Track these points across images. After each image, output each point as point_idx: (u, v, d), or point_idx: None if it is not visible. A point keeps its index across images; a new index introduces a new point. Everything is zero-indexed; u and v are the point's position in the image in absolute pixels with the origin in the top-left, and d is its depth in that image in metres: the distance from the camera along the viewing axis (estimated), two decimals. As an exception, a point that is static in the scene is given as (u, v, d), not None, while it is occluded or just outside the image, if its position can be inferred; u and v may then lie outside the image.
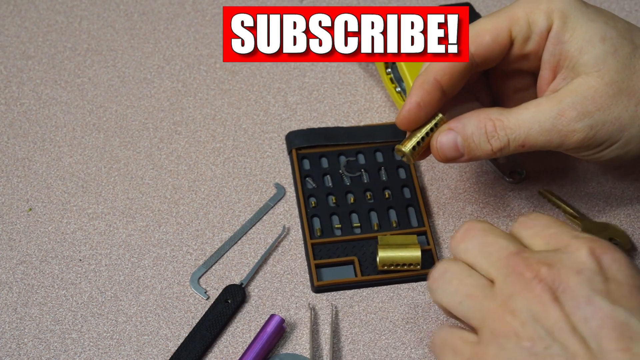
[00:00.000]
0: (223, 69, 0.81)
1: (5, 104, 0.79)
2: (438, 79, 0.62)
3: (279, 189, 0.73)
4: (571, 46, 0.61)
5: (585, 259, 0.52)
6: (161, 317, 0.67)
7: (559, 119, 0.61)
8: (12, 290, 0.68)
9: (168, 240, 0.71)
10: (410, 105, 0.63)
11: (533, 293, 0.51)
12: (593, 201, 0.73)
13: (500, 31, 0.63)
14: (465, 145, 0.62)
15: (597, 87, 0.61)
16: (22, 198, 0.73)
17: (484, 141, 0.62)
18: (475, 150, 0.62)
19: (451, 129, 0.63)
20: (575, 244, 0.53)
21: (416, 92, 0.63)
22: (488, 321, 0.52)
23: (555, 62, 0.63)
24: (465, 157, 0.63)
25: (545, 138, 0.61)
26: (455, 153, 0.63)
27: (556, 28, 0.62)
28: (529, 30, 0.62)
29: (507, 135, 0.61)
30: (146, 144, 0.76)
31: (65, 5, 0.86)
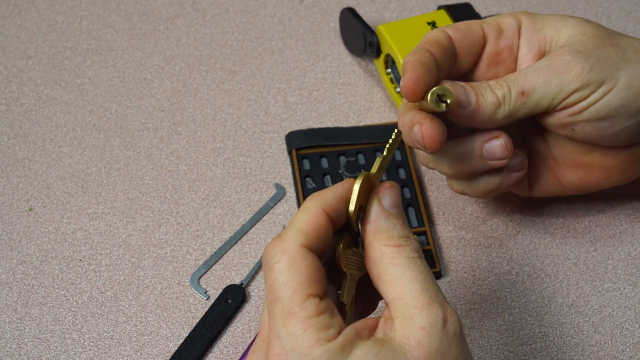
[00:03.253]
0: (223, 69, 0.81)
1: (5, 104, 0.79)
2: (427, 48, 0.62)
3: (279, 189, 0.73)
4: (547, 30, 0.63)
5: None
6: (161, 317, 0.67)
7: (552, 60, 0.61)
8: (12, 290, 0.68)
9: (168, 240, 0.71)
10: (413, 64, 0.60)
11: None
12: (593, 201, 0.73)
13: (473, 24, 0.64)
14: (473, 92, 0.61)
15: (583, 39, 0.62)
16: (22, 198, 0.73)
17: (489, 91, 0.61)
18: (482, 98, 0.61)
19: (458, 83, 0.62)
20: (267, 357, 0.49)
21: (412, 56, 0.60)
22: None
23: (536, 51, 0.64)
24: (473, 104, 0.61)
25: (542, 79, 0.61)
26: (465, 98, 0.61)
27: (526, 22, 0.64)
28: (500, 28, 0.64)
29: (507, 83, 0.61)
30: (146, 144, 0.76)
31: (65, 5, 0.86)
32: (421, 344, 0.48)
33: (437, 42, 0.62)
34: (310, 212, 0.50)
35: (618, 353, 0.66)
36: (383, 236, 0.52)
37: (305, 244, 0.49)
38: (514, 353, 0.66)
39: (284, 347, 0.47)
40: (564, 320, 0.67)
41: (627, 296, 0.68)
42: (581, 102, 0.61)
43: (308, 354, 0.47)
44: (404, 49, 0.75)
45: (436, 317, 0.49)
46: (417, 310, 0.49)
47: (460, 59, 0.64)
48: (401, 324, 0.49)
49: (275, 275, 0.49)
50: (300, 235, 0.49)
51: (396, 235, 0.52)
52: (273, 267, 0.49)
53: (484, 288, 0.69)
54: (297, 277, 0.48)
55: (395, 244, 0.51)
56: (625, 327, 0.67)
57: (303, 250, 0.49)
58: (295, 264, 0.49)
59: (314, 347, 0.47)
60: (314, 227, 0.50)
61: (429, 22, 0.77)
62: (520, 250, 0.70)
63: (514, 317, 0.67)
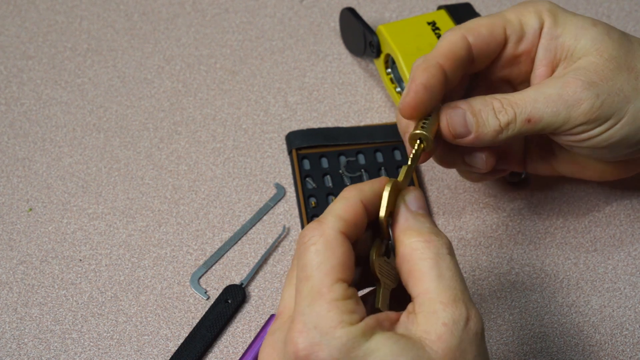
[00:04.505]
0: (223, 69, 0.81)
1: (5, 104, 0.79)
2: (441, 63, 0.61)
3: (279, 189, 0.73)
4: (566, 38, 0.62)
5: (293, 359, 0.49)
6: (161, 317, 0.67)
7: (564, 89, 0.60)
8: (12, 290, 0.68)
9: (168, 240, 0.71)
10: (417, 87, 0.59)
11: None
12: (593, 201, 0.73)
13: (495, 27, 0.63)
14: (474, 120, 0.60)
15: (598, 62, 0.61)
16: (22, 198, 0.73)
17: (492, 116, 0.60)
18: (483, 126, 0.61)
19: (459, 107, 0.61)
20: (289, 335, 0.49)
21: (420, 74, 0.60)
22: None
23: (551, 58, 0.63)
24: (473, 134, 0.61)
25: (551, 110, 0.60)
26: (464, 129, 0.61)
27: (548, 24, 0.63)
28: (522, 30, 0.63)
29: (513, 109, 0.60)
30: (146, 144, 0.76)
31: (65, 5, 0.86)
32: (441, 339, 0.49)
33: (453, 55, 0.61)
34: (349, 201, 0.52)
35: (618, 353, 0.66)
36: (413, 232, 0.52)
37: (343, 230, 0.51)
38: (514, 353, 0.66)
39: (306, 325, 0.48)
40: (564, 320, 0.67)
41: (627, 296, 0.68)
42: (585, 133, 0.61)
43: (329, 333, 0.48)
44: (404, 49, 0.75)
45: (459, 315, 0.50)
46: (441, 306, 0.50)
47: (476, 62, 0.63)
48: (424, 319, 0.50)
49: (310, 256, 0.50)
50: (339, 222, 0.51)
51: (426, 231, 0.52)
52: (309, 247, 0.50)
53: (484, 288, 0.69)
54: (331, 261, 0.50)
55: (426, 239, 0.52)
56: (625, 327, 0.67)
57: (340, 236, 0.50)
58: (331, 248, 0.50)
59: (336, 327, 0.48)
60: (352, 216, 0.51)
61: (429, 22, 0.77)
62: (520, 250, 0.70)
63: (514, 317, 0.67)
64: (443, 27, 0.77)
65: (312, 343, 0.48)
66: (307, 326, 0.48)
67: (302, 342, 0.48)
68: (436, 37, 0.76)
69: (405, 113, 0.60)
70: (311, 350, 0.48)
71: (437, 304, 0.50)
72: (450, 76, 0.61)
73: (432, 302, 0.50)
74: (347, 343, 0.48)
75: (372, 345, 0.48)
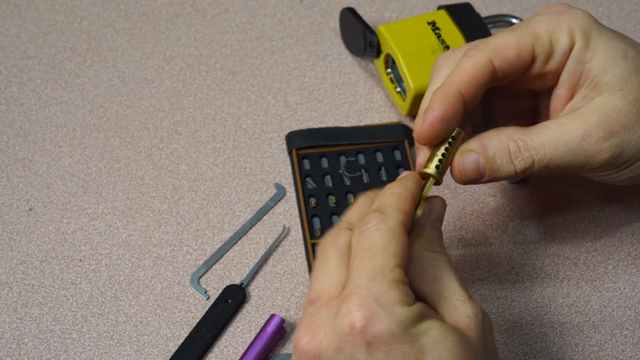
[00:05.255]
0: (223, 69, 0.81)
1: (5, 104, 0.79)
2: (462, 91, 0.59)
3: (279, 189, 0.73)
4: (593, 65, 0.60)
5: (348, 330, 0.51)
6: (161, 317, 0.67)
7: (585, 139, 0.59)
8: (12, 290, 0.68)
9: (168, 240, 0.71)
10: (434, 119, 0.58)
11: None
12: (593, 201, 0.73)
13: (524, 47, 0.61)
14: (488, 166, 0.59)
15: (622, 107, 0.59)
16: (22, 198, 0.73)
17: (507, 162, 0.59)
18: (498, 172, 0.60)
19: (472, 150, 0.59)
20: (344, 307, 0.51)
21: (439, 105, 0.59)
22: None
23: (575, 81, 0.61)
24: (487, 178, 0.60)
25: (570, 158, 0.59)
26: (477, 175, 0.60)
27: (578, 47, 0.61)
28: (551, 49, 0.61)
29: (532, 155, 0.59)
30: (146, 144, 0.76)
31: (65, 5, 0.86)
32: (469, 328, 0.53)
33: (475, 82, 0.60)
34: (407, 199, 0.55)
35: (618, 353, 0.66)
36: (425, 241, 0.56)
37: (404, 223, 0.54)
38: (514, 353, 0.66)
39: (367, 298, 0.50)
40: (564, 320, 0.67)
41: (627, 296, 0.68)
42: (601, 175, 0.61)
43: (390, 308, 0.50)
44: (404, 49, 0.75)
45: (477, 310, 0.54)
46: (460, 302, 0.54)
47: (499, 80, 0.61)
48: (448, 312, 0.54)
49: (374, 239, 0.52)
50: (401, 215, 0.54)
51: (435, 244, 0.56)
52: (373, 232, 0.52)
53: (484, 288, 0.68)
54: (394, 246, 0.52)
55: (435, 250, 0.56)
56: (625, 327, 0.67)
57: (402, 227, 0.53)
58: (395, 235, 0.52)
59: (396, 304, 0.50)
60: (409, 211, 0.55)
61: (429, 22, 0.77)
62: (520, 250, 0.70)
63: (514, 317, 0.67)
64: (443, 27, 0.77)
65: (372, 314, 0.50)
66: (367, 299, 0.50)
67: (362, 314, 0.50)
68: (436, 37, 0.76)
69: (420, 141, 0.60)
70: (370, 322, 0.50)
71: (454, 301, 0.54)
72: (470, 103, 0.60)
73: (449, 299, 0.54)
74: (406, 320, 0.50)
75: (425, 326, 0.51)
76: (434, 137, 0.59)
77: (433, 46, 0.76)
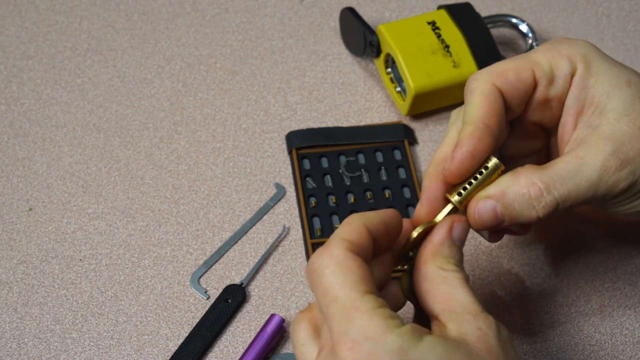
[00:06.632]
0: (223, 69, 0.81)
1: (6, 104, 0.79)
2: (485, 122, 0.58)
3: (279, 189, 0.73)
4: (597, 91, 0.59)
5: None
6: (161, 317, 0.67)
7: (604, 170, 0.57)
8: (12, 290, 0.68)
9: (168, 240, 0.71)
10: (463, 155, 0.57)
11: None
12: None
13: (522, 70, 0.60)
14: (507, 213, 0.57)
15: (631, 132, 0.58)
16: (22, 198, 0.73)
17: (529, 208, 0.57)
18: (518, 218, 0.57)
19: (489, 197, 0.57)
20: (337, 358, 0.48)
21: (467, 141, 0.57)
22: None
23: (579, 108, 0.60)
24: (507, 223, 0.58)
25: (592, 192, 0.57)
26: (495, 222, 0.58)
27: (580, 72, 0.59)
28: (552, 74, 0.60)
29: (555, 198, 0.57)
30: (146, 144, 0.76)
31: (65, 5, 0.86)
32: (481, 340, 0.50)
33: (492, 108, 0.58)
34: (352, 225, 0.52)
35: (618, 353, 0.66)
36: (440, 260, 0.54)
37: (350, 248, 0.51)
38: (514, 353, 0.66)
39: (355, 340, 0.48)
40: (564, 320, 0.67)
41: (627, 296, 0.68)
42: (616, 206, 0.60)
43: (380, 339, 0.47)
44: (404, 48, 0.75)
45: (490, 322, 0.51)
46: (471, 316, 0.51)
47: (509, 109, 0.60)
48: (457, 326, 0.51)
49: (327, 279, 0.50)
50: (344, 242, 0.51)
51: (453, 262, 0.54)
52: (323, 272, 0.50)
53: (484, 288, 0.68)
54: (350, 277, 0.49)
55: (450, 269, 0.54)
56: (625, 327, 0.67)
57: (349, 253, 0.50)
58: (345, 266, 0.50)
59: (385, 333, 0.48)
60: (357, 237, 0.52)
61: (429, 22, 0.77)
62: (520, 250, 0.70)
63: (514, 317, 0.67)
64: (443, 27, 0.77)
65: (368, 354, 0.47)
66: (356, 341, 0.48)
67: (357, 357, 0.47)
68: (436, 36, 0.76)
69: (449, 180, 0.58)
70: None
71: (466, 315, 0.51)
72: (497, 134, 0.58)
73: (460, 314, 0.51)
74: (403, 345, 0.47)
75: (426, 345, 0.48)
76: (464, 175, 0.58)
77: (433, 46, 0.76)
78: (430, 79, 0.74)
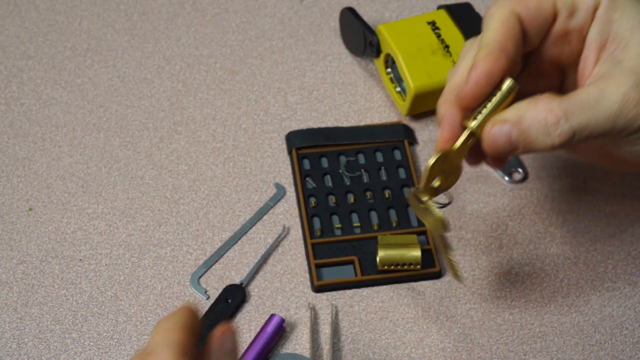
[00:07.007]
0: (223, 69, 0.81)
1: (6, 104, 0.79)
2: (502, 45, 0.57)
3: (279, 189, 0.73)
4: (621, 25, 0.58)
5: None
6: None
7: (625, 103, 0.56)
8: (12, 290, 0.68)
9: (168, 240, 0.71)
10: (478, 76, 0.56)
11: None
12: (593, 201, 0.73)
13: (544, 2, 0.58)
14: (522, 139, 0.56)
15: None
16: (22, 198, 0.73)
17: (544, 134, 0.56)
18: (533, 145, 0.56)
19: (505, 121, 0.56)
20: None
21: (483, 62, 0.56)
22: None
23: (602, 42, 0.59)
24: (520, 150, 0.57)
25: (610, 125, 0.56)
26: (508, 147, 0.57)
27: (605, 6, 0.58)
28: (574, 5, 0.58)
29: (572, 127, 0.56)
30: (146, 144, 0.76)
31: (65, 5, 0.86)
32: None
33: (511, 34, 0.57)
34: (177, 331, 0.50)
35: (618, 353, 0.66)
36: None
37: (181, 353, 0.49)
38: (514, 353, 0.66)
39: None
40: (564, 320, 0.67)
41: (627, 296, 0.68)
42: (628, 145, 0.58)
43: None
44: (404, 49, 0.75)
45: None
46: None
47: (526, 39, 0.59)
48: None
49: None
50: (173, 348, 0.49)
51: None
52: None
53: (484, 288, 0.68)
54: None
55: None
56: (625, 327, 0.67)
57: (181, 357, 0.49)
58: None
59: None
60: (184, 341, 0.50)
61: (429, 22, 0.77)
62: (520, 250, 0.70)
63: (514, 317, 0.67)
64: (443, 27, 0.77)
65: None
66: None
67: None
68: (436, 36, 0.76)
69: (464, 103, 0.57)
70: None
71: None
72: (513, 58, 0.57)
73: None
74: None
75: None
76: (479, 97, 0.57)
77: (433, 46, 0.76)
78: (430, 79, 0.74)
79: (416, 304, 0.67)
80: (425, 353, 0.65)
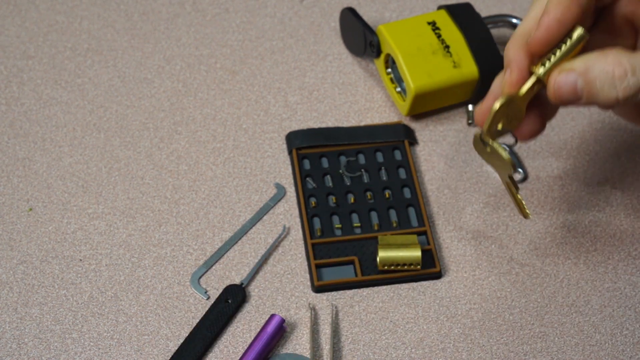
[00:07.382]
0: (223, 69, 0.81)
1: (6, 104, 0.79)
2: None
3: (279, 189, 0.73)
4: None
5: None
6: (161, 317, 0.67)
7: None
8: (12, 290, 0.68)
9: (168, 240, 0.71)
10: (550, 22, 0.55)
11: None
12: (593, 201, 0.73)
13: None
14: (587, 89, 0.55)
15: None
16: (22, 198, 0.73)
17: (610, 86, 0.55)
18: (597, 96, 0.55)
19: (573, 70, 0.56)
20: None
21: (555, 7, 0.55)
22: None
23: None
24: (584, 101, 0.56)
25: None
26: (573, 96, 0.56)
27: None
28: None
29: (638, 82, 0.54)
30: (146, 144, 0.76)
31: (65, 5, 0.86)
32: None
33: None
34: None
35: (618, 353, 0.66)
36: None
37: None
38: (514, 353, 0.66)
39: None
40: (564, 320, 0.67)
41: (627, 296, 0.68)
42: None
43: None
44: (404, 49, 0.75)
45: None
46: None
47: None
48: None
49: None
50: None
51: None
52: None
53: (484, 288, 0.69)
54: None
55: None
56: (625, 327, 0.67)
57: None
58: None
59: None
60: None
61: (429, 22, 0.77)
62: (520, 250, 0.70)
63: (514, 317, 0.67)
64: (443, 27, 0.77)
65: None
66: None
67: None
68: (436, 37, 0.76)
69: (534, 49, 0.57)
70: None
71: None
72: (585, 7, 0.56)
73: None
74: None
75: None
76: (549, 43, 0.56)
77: (433, 46, 0.76)
78: (431, 79, 0.74)
79: (416, 304, 0.67)
80: (425, 353, 0.65)
